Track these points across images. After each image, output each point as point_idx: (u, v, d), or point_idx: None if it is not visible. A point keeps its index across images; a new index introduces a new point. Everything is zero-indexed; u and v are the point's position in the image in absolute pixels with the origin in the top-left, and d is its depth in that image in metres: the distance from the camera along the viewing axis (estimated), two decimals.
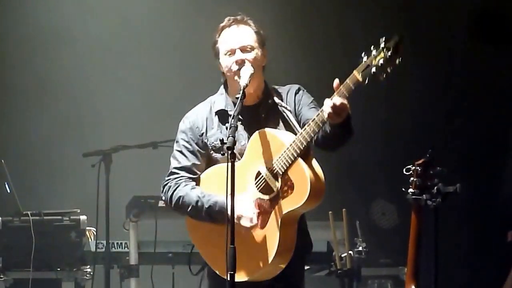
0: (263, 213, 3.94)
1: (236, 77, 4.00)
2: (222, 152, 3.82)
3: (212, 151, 4.08)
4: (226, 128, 4.00)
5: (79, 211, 6.15)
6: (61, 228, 6.05)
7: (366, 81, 3.77)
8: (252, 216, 3.93)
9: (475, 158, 7.15)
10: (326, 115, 3.78)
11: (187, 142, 4.09)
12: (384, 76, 3.71)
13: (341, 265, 5.87)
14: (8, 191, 6.09)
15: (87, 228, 6.09)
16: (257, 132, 3.98)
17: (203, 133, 4.09)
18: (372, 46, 3.73)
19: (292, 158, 3.88)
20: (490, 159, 7.18)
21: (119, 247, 6.04)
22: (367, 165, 7.30)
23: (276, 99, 4.06)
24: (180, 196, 4.05)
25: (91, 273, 6.01)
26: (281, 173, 3.90)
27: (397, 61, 3.68)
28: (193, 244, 4.16)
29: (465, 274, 7.00)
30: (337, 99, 3.76)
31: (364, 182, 7.27)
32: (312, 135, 3.87)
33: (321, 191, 3.94)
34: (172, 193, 4.07)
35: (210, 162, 4.09)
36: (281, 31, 6.96)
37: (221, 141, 3.75)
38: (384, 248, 6.62)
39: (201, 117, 4.11)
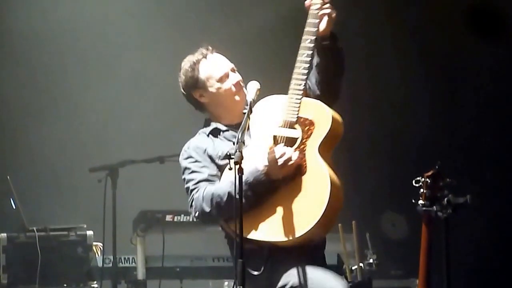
0: (299, 162, 3.88)
1: (237, 97, 4.10)
2: (229, 167, 3.78)
3: (219, 160, 4.06)
4: (225, 139, 4.08)
5: (85, 226, 6.11)
6: (67, 243, 6.01)
7: None
8: (287, 151, 3.85)
9: (486, 169, 7.11)
10: (315, 11, 3.88)
11: (195, 161, 4.08)
12: None
13: (352, 278, 5.86)
14: (14, 206, 6.06)
15: (94, 243, 6.05)
16: (259, 102, 4.03)
17: (205, 149, 4.09)
18: None
19: (298, 101, 3.91)
20: (501, 169, 7.14)
21: (126, 262, 6.00)
22: (376, 177, 7.27)
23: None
24: (212, 194, 3.95)
25: None
26: (294, 120, 3.91)
27: None
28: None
29: (477, 285, 6.95)
30: None
31: (374, 194, 7.24)
32: (306, 65, 3.91)
33: (335, 113, 3.95)
34: (202, 198, 3.97)
35: (221, 171, 4.07)
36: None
37: (228, 155, 3.74)
38: (395, 260, 6.60)
39: (200, 140, 4.14)
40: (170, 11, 7.46)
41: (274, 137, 3.96)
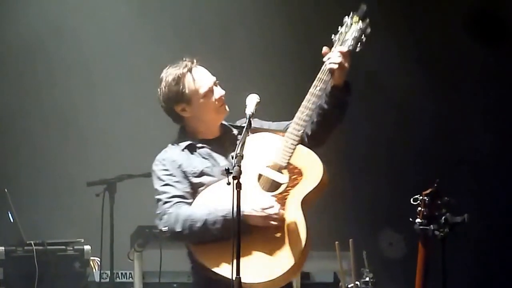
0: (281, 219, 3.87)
1: (219, 112, 4.07)
2: (227, 182, 3.71)
3: (193, 177, 4.03)
4: (199, 156, 4.05)
5: (83, 240, 6.11)
6: (64, 258, 6.01)
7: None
8: (276, 206, 3.83)
9: (484, 188, 7.10)
10: (335, 66, 3.83)
11: (171, 174, 4.04)
12: (360, 47, 3.88)
13: None
14: (11, 220, 6.05)
15: (91, 258, 6.06)
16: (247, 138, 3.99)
17: (180, 165, 4.05)
18: (340, 27, 3.94)
19: (293, 146, 3.88)
20: (498, 188, 7.13)
21: (124, 278, 6.00)
22: (374, 195, 7.26)
23: (235, 130, 4.12)
24: (188, 215, 3.93)
25: None
26: (284, 165, 3.88)
27: (367, 30, 3.89)
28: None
29: None
30: (341, 47, 3.87)
31: (372, 211, 7.22)
32: (310, 112, 3.89)
33: (326, 173, 3.89)
34: (176, 216, 3.94)
35: (193, 189, 4.04)
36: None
37: (227, 170, 3.69)
38: (391, 279, 6.56)
39: (174, 153, 4.09)
40: (176, 26, 7.47)
41: (260, 175, 3.93)
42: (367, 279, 5.91)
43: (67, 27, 7.41)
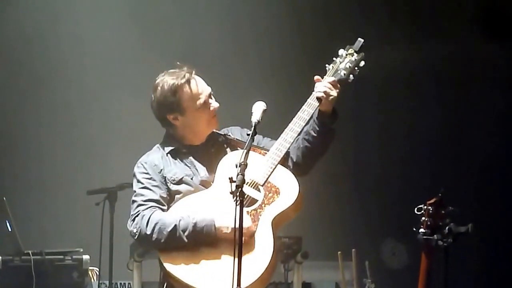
0: (252, 222, 3.92)
1: (210, 123, 4.13)
2: (230, 191, 3.73)
3: (172, 184, 4.08)
4: (181, 163, 4.10)
5: (81, 250, 6.07)
6: (63, 268, 5.96)
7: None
8: (250, 225, 3.91)
9: (488, 197, 7.07)
10: (320, 94, 3.98)
11: (150, 178, 4.09)
12: (352, 78, 4.05)
13: None
14: (9, 229, 6.02)
15: (90, 268, 6.02)
16: (226, 156, 4.07)
17: (161, 169, 4.10)
18: (335, 58, 4.10)
19: (272, 166, 3.96)
20: (503, 198, 7.10)
21: None
22: (377, 205, 7.23)
23: (222, 137, 4.18)
24: (158, 220, 3.97)
25: None
26: (262, 183, 3.95)
27: (361, 62, 4.06)
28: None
29: None
30: (329, 78, 4.02)
31: (375, 221, 7.20)
32: (294, 135, 3.98)
33: (301, 195, 3.98)
34: (148, 219, 3.99)
35: (170, 196, 4.09)
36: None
37: (230, 179, 3.71)
38: None
39: (156, 158, 4.15)
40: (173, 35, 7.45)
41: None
42: None
43: (67, 33, 7.40)
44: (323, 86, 4.00)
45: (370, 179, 7.31)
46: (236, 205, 3.65)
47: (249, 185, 3.94)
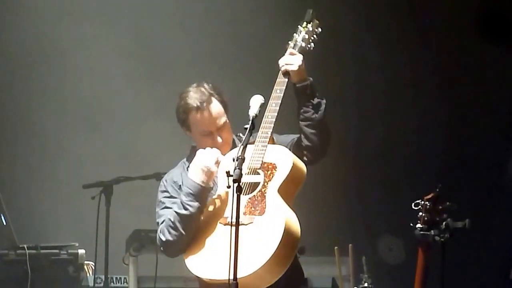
0: (259, 203, 3.96)
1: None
2: (227, 185, 3.78)
3: None
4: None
5: (77, 244, 6.06)
6: (58, 262, 5.94)
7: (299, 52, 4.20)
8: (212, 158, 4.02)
9: (486, 193, 7.07)
10: (282, 67, 4.12)
11: (170, 197, 4.20)
12: (312, 45, 4.24)
13: None
14: (4, 223, 6.00)
15: (85, 262, 6.00)
16: (229, 152, 4.15)
17: (180, 185, 4.19)
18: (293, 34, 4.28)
19: (263, 149, 4.03)
20: (500, 193, 7.10)
21: (118, 282, 5.98)
22: (374, 199, 7.23)
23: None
24: (164, 221, 4.09)
25: None
26: (258, 166, 4.01)
27: (316, 29, 4.26)
28: None
29: None
30: (289, 50, 4.18)
31: (372, 217, 7.19)
32: (274, 114, 4.05)
33: (298, 162, 4.05)
34: (159, 231, 4.12)
35: None
36: None
37: (227, 173, 3.76)
38: (390, 285, 6.55)
39: (177, 174, 4.26)
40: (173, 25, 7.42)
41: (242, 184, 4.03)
42: (366, 284, 5.89)
43: (64, 26, 7.37)
44: (283, 59, 4.16)
45: (368, 174, 7.30)
46: (233, 198, 3.68)
47: (248, 173, 3.99)
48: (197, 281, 4.07)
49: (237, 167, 3.72)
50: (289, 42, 4.25)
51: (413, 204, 3.78)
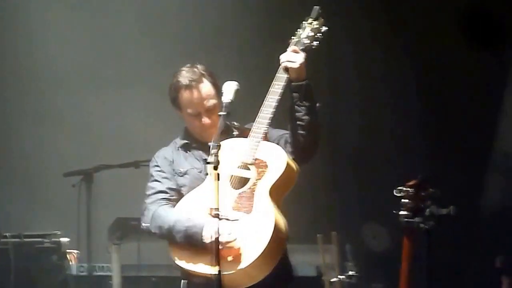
0: (247, 201, 3.97)
1: (206, 133, 4.17)
2: (206, 172, 3.86)
3: (178, 177, 4.20)
4: (190, 157, 4.22)
5: (60, 233, 6.03)
6: (41, 251, 5.93)
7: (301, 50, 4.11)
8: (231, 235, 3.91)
9: (469, 179, 7.07)
10: (283, 64, 4.05)
11: (160, 171, 4.23)
12: (317, 43, 4.14)
13: None
14: None
15: (69, 250, 5.98)
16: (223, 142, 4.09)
17: (171, 162, 4.23)
18: (297, 30, 4.19)
19: (256, 143, 4.02)
20: (485, 180, 7.10)
21: (102, 271, 5.97)
22: (358, 187, 7.22)
23: (236, 131, 4.24)
24: (159, 216, 4.11)
25: None
26: (250, 162, 4.01)
27: (321, 28, 4.16)
28: None
29: None
30: (289, 48, 4.09)
31: (355, 204, 7.19)
32: (271, 110, 4.01)
33: (291, 162, 4.05)
34: (152, 215, 4.14)
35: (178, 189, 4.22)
36: None
37: (205, 160, 3.80)
38: (375, 272, 6.55)
39: (168, 152, 4.28)
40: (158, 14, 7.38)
41: (231, 176, 4.05)
42: (351, 273, 5.90)
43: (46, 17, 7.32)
44: (285, 55, 4.09)
45: (350, 161, 7.30)
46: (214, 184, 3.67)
47: (240, 167, 4.02)
48: (179, 269, 4.07)
49: (213, 154, 3.71)
50: (292, 38, 4.17)
51: (394, 190, 3.76)
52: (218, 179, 3.69)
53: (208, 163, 3.71)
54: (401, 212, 3.75)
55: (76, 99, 7.33)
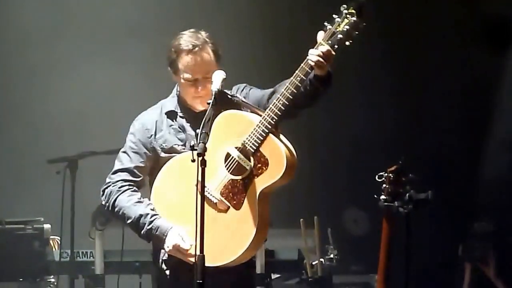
0: (238, 194, 3.93)
1: (197, 105, 4.10)
2: (192, 159, 3.73)
3: (162, 152, 4.12)
4: (174, 129, 4.12)
5: (42, 219, 6.02)
6: (23, 237, 5.91)
7: (334, 48, 3.84)
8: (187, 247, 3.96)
9: (450, 165, 7.12)
10: (312, 63, 3.83)
11: (134, 143, 4.15)
12: (350, 42, 3.83)
13: (312, 273, 5.85)
14: None
15: (51, 237, 5.97)
16: (221, 114, 3.98)
17: (152, 135, 4.14)
18: (334, 14, 3.86)
19: (264, 134, 3.91)
20: (462, 165, 7.16)
21: (84, 257, 5.94)
22: (339, 172, 7.25)
23: (228, 100, 4.11)
24: (122, 207, 4.11)
25: (55, 284, 5.89)
26: (253, 151, 3.91)
27: (360, 25, 3.82)
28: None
29: (435, 281, 6.96)
30: (323, 47, 3.83)
31: (336, 189, 7.22)
32: (287, 101, 3.89)
33: (295, 164, 3.96)
34: (115, 199, 4.13)
35: (159, 163, 4.12)
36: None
37: (192, 147, 3.71)
38: (355, 256, 6.61)
39: (151, 119, 4.17)
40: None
41: (227, 154, 3.97)
42: (332, 256, 5.96)
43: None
44: (316, 55, 3.85)
45: (332, 146, 7.32)
46: (197, 173, 3.66)
47: (239, 149, 3.93)
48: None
49: (201, 141, 3.68)
50: (327, 26, 3.87)
51: (376, 176, 3.80)
52: (204, 166, 3.64)
53: (194, 149, 3.66)
54: (382, 197, 3.80)
55: (60, 83, 7.29)
